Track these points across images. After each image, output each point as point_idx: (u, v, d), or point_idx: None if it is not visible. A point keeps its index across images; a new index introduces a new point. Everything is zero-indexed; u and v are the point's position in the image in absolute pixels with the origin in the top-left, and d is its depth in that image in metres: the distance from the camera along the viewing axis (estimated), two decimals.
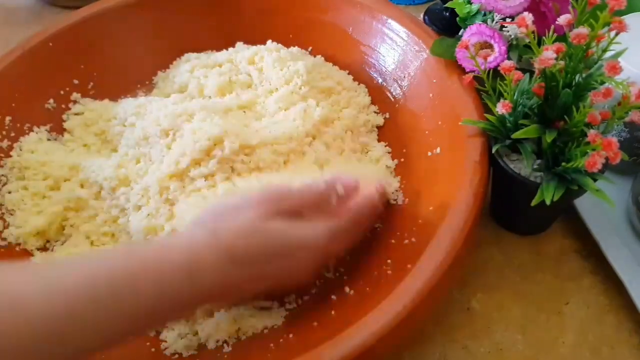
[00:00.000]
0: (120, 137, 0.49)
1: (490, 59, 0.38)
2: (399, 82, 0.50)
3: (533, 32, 0.34)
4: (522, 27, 0.34)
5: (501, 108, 0.36)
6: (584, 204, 0.43)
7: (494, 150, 0.39)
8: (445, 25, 0.56)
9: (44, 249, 0.44)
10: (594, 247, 0.42)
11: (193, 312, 0.37)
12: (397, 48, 0.51)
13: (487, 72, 0.38)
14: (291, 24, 0.56)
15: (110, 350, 0.29)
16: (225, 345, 0.37)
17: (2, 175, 0.47)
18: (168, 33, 0.57)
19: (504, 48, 0.41)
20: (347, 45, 0.54)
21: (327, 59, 0.54)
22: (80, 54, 0.54)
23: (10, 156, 0.48)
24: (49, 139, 0.50)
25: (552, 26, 0.35)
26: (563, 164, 0.36)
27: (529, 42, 0.35)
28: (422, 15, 0.58)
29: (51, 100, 0.52)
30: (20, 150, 0.48)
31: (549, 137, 0.36)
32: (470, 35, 0.42)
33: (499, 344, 0.39)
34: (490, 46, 0.41)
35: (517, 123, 0.38)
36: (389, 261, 0.39)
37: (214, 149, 0.42)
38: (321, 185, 0.36)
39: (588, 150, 0.33)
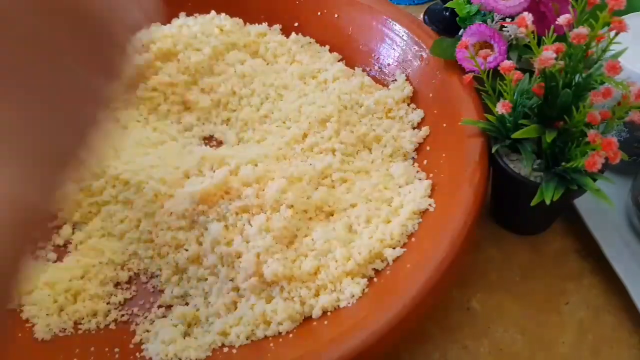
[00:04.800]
0: None
1: (490, 59, 0.38)
2: (399, 82, 0.50)
3: (533, 32, 0.34)
4: (522, 27, 0.34)
5: (501, 108, 0.36)
6: (584, 204, 0.43)
7: (493, 150, 0.39)
8: (445, 25, 0.56)
9: None
10: (594, 247, 0.42)
11: None
12: (397, 48, 0.51)
13: (487, 72, 0.38)
14: (291, 25, 0.56)
15: None
16: (223, 346, 0.37)
17: None
18: None
19: (503, 48, 0.41)
20: (347, 45, 0.54)
21: None
22: None
23: None
24: None
25: (552, 26, 0.35)
26: (563, 164, 0.36)
27: (529, 42, 0.35)
28: (422, 15, 0.58)
29: None
30: None
31: (548, 137, 0.36)
32: (470, 35, 0.42)
33: (499, 344, 0.39)
34: (490, 46, 0.41)
35: (517, 123, 0.38)
36: (388, 261, 0.39)
37: None
38: None
39: (588, 150, 0.33)
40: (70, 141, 0.22)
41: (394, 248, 0.39)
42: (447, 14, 0.56)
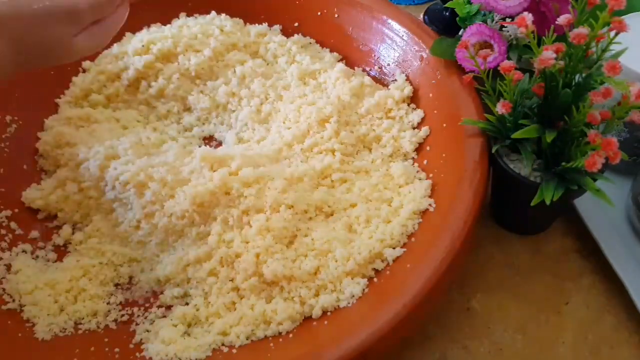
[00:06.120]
0: None
1: (490, 59, 0.38)
2: (399, 82, 0.50)
3: (533, 32, 0.34)
4: (522, 27, 0.34)
5: (501, 108, 0.36)
6: (584, 204, 0.43)
7: (493, 150, 0.39)
8: (445, 25, 0.56)
9: None
10: (594, 247, 0.42)
11: None
12: (397, 48, 0.51)
13: (487, 72, 0.38)
14: (291, 25, 0.56)
15: None
16: (223, 345, 0.37)
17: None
18: None
19: (503, 48, 0.41)
20: (347, 45, 0.54)
21: None
22: None
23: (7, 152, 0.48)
24: None
25: (552, 26, 0.35)
26: (563, 164, 0.36)
27: (529, 42, 0.35)
28: (422, 15, 0.58)
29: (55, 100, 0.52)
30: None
31: (548, 137, 0.36)
32: (470, 35, 0.42)
33: (499, 344, 0.39)
34: (490, 46, 0.41)
35: (517, 123, 0.38)
36: (388, 261, 0.39)
37: None
38: None
39: (588, 150, 0.33)
40: None
41: (394, 248, 0.39)
42: (447, 14, 0.56)
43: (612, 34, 0.33)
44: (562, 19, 0.34)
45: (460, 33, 0.46)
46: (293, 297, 0.38)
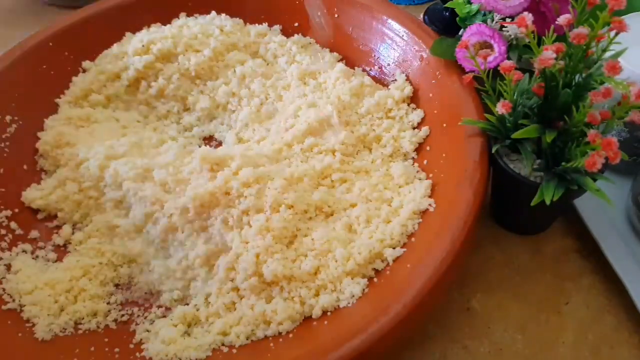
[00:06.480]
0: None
1: (490, 59, 0.38)
2: (399, 82, 0.50)
3: (533, 32, 0.34)
4: (522, 27, 0.34)
5: (501, 108, 0.36)
6: (584, 204, 0.44)
7: (493, 150, 0.39)
8: (445, 25, 0.56)
9: None
10: (594, 247, 0.42)
11: None
12: (397, 48, 0.51)
13: (487, 72, 0.38)
14: (291, 25, 0.56)
15: None
16: (223, 345, 0.37)
17: None
18: None
19: (503, 48, 0.41)
20: (347, 45, 0.54)
21: None
22: (80, 53, 0.54)
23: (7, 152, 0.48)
24: None
25: (552, 26, 0.35)
26: (563, 164, 0.36)
27: (529, 42, 0.35)
28: (422, 15, 0.58)
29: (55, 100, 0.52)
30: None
31: (548, 137, 0.36)
32: (470, 35, 0.42)
33: (499, 344, 0.39)
34: (490, 46, 0.41)
35: (517, 123, 0.38)
36: (388, 261, 0.39)
37: None
38: None
39: (588, 150, 0.33)
40: None
41: (394, 248, 0.39)
42: (447, 14, 0.56)
43: (612, 34, 0.33)
44: (562, 19, 0.34)
45: (460, 33, 0.46)
46: (293, 297, 0.38)
